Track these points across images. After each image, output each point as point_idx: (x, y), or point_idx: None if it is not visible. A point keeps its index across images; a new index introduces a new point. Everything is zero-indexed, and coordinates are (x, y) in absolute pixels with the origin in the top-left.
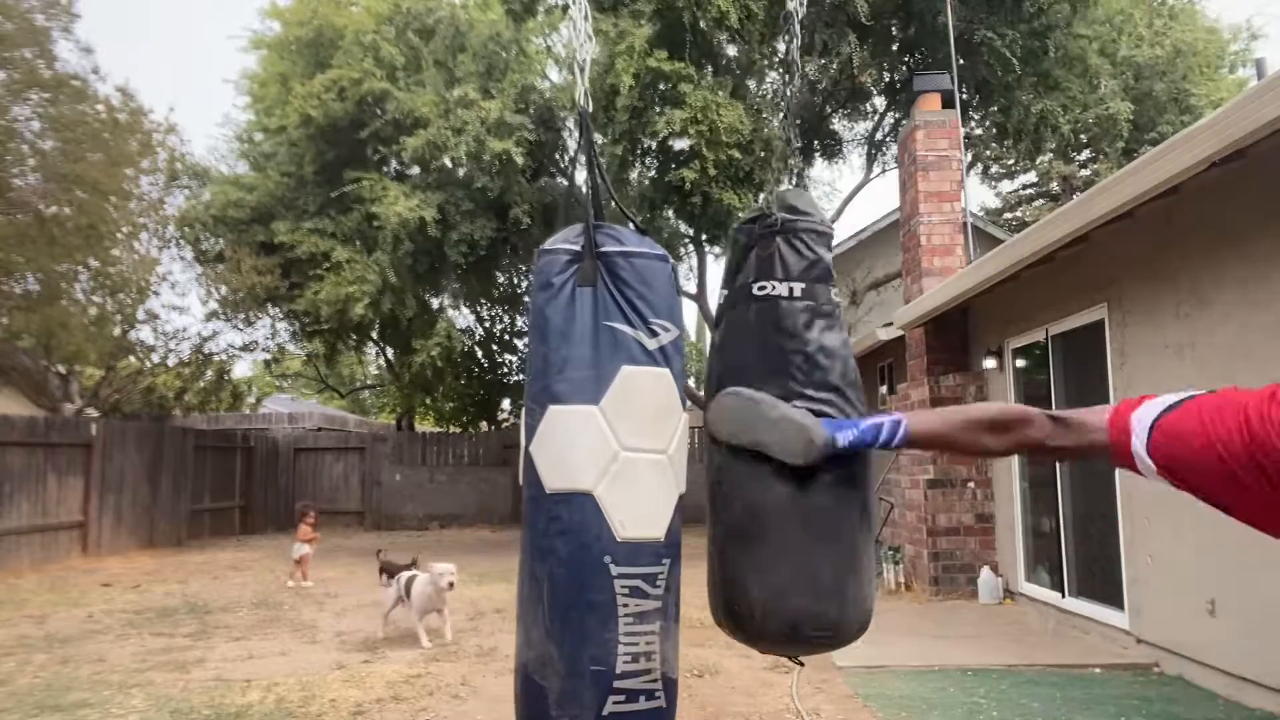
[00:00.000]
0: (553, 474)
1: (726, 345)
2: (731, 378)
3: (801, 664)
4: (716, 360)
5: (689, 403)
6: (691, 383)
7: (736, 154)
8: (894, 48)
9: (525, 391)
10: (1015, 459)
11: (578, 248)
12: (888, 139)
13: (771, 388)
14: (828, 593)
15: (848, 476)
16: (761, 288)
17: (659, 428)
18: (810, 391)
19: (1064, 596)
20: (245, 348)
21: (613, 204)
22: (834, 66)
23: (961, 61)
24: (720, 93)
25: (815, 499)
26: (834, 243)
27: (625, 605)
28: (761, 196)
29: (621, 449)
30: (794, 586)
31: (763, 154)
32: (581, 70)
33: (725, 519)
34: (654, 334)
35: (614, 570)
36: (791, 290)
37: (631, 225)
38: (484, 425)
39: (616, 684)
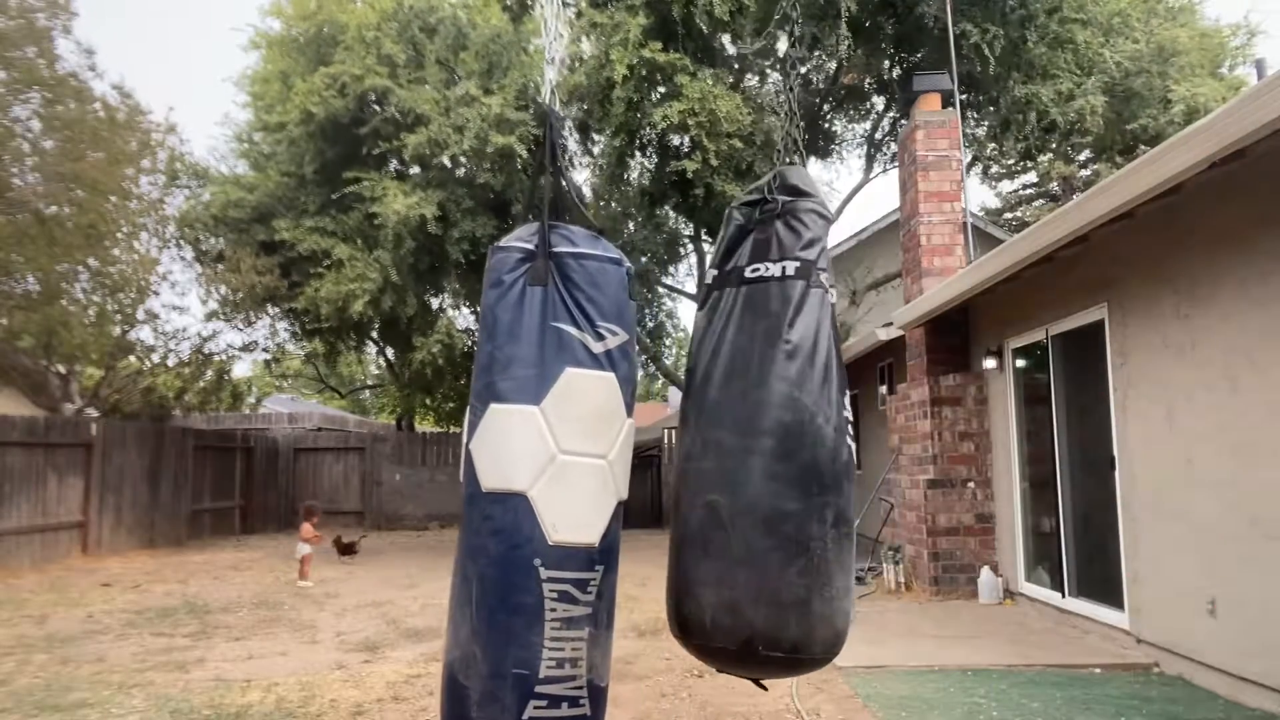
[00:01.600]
0: (489, 473)
1: (709, 333)
2: (712, 365)
3: (764, 688)
4: (699, 349)
5: (666, 399)
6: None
7: (738, 144)
8: (888, 46)
9: (471, 388)
10: (1015, 459)
11: (531, 246)
12: (887, 139)
13: (755, 381)
14: (787, 608)
15: (820, 478)
16: (755, 270)
17: (600, 432)
18: (788, 384)
19: (1064, 596)
20: (245, 348)
21: (605, 201)
22: (829, 63)
23: (950, 56)
24: (718, 85)
25: (781, 503)
26: (833, 238)
27: (553, 610)
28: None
29: (559, 451)
30: (750, 600)
31: (763, 145)
32: (550, 64)
33: (685, 519)
34: (600, 337)
35: (543, 573)
36: (784, 269)
37: (597, 228)
38: None
39: (539, 688)
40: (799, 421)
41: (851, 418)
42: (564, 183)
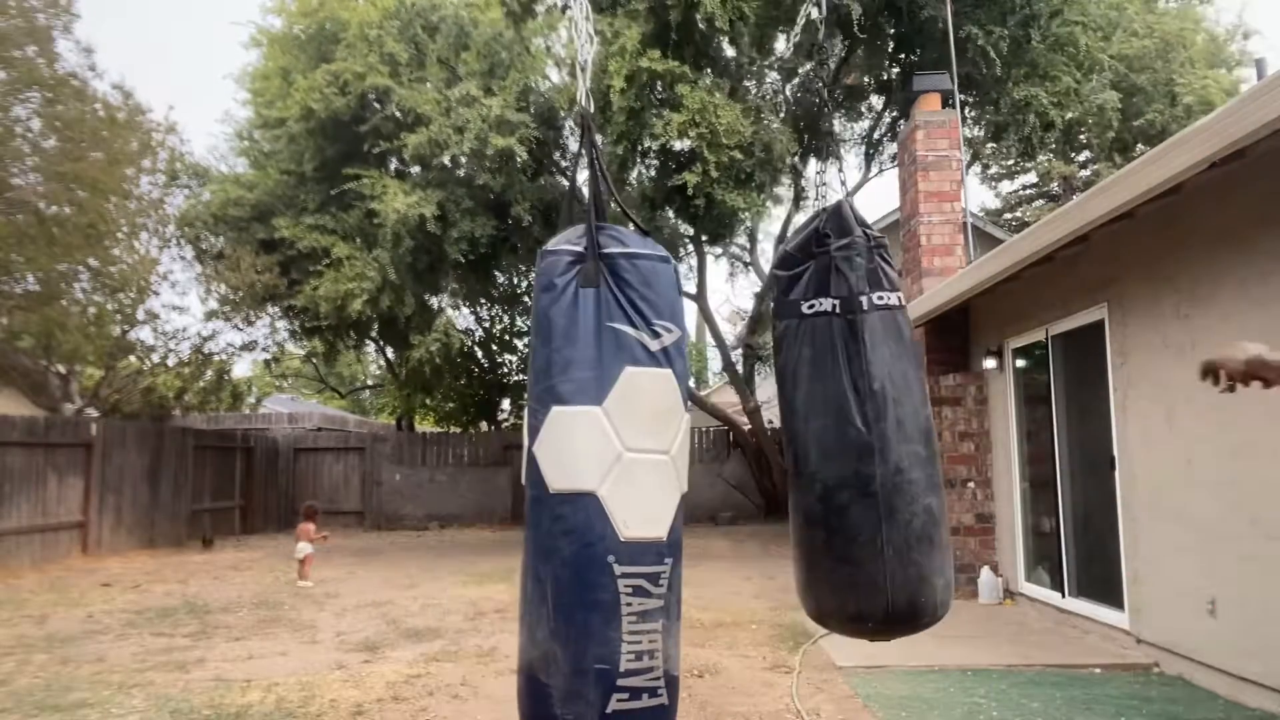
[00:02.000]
0: (556, 474)
1: (861, 354)
2: (885, 386)
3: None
4: (780, 385)
5: (690, 403)
6: (692, 383)
7: (738, 155)
8: (888, 47)
9: (528, 392)
10: (1015, 459)
11: (580, 249)
12: (885, 139)
13: (920, 400)
14: (935, 581)
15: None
16: (881, 298)
17: (661, 428)
18: (870, 427)
19: (1064, 596)
20: (245, 347)
21: (613, 204)
22: (829, 66)
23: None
24: (717, 94)
25: (937, 499)
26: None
27: (629, 604)
28: (813, 207)
29: (625, 449)
30: (942, 584)
31: (763, 156)
32: (583, 71)
33: (907, 523)
34: (656, 335)
35: (618, 570)
36: (899, 299)
37: (633, 226)
38: (484, 425)
39: (620, 682)
40: (933, 431)
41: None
42: (606, 183)
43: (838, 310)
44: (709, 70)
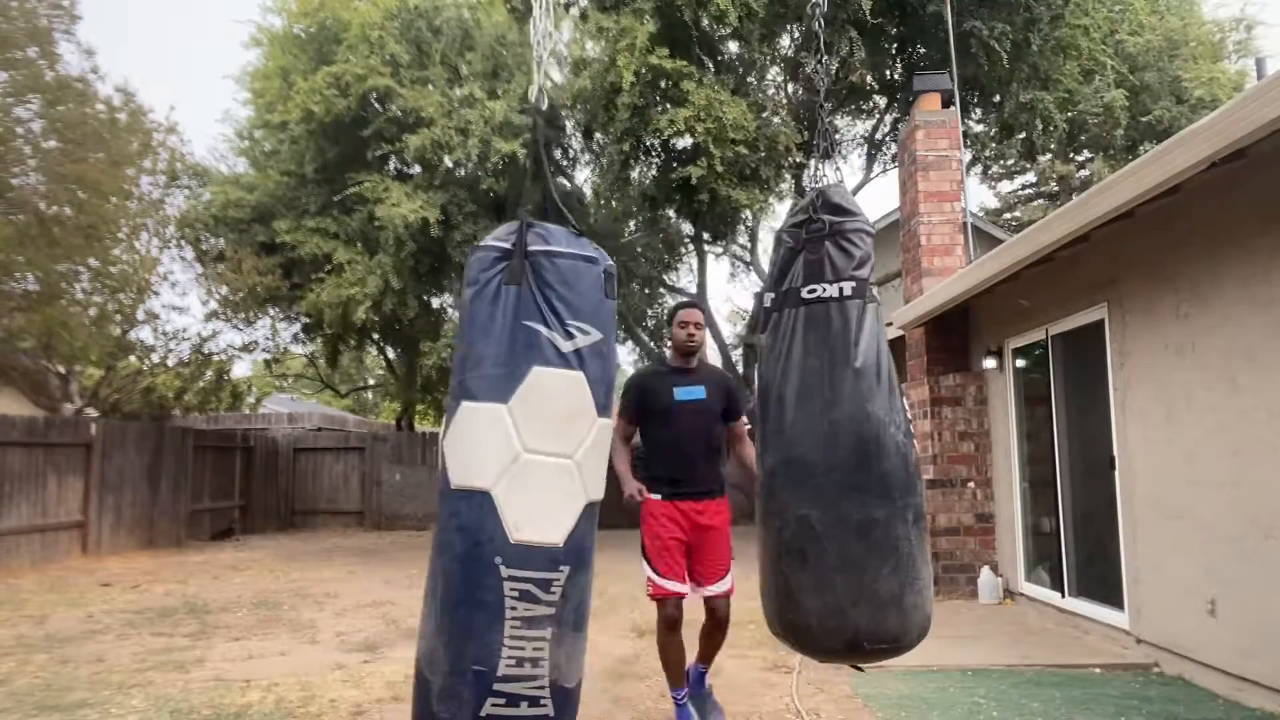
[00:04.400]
0: (457, 469)
1: (775, 353)
2: (784, 385)
3: (861, 669)
4: (767, 369)
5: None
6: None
7: (743, 150)
8: (891, 46)
9: (449, 386)
10: (1015, 459)
11: (508, 245)
12: (887, 138)
13: (829, 401)
14: (885, 605)
15: (899, 483)
16: (812, 290)
17: (567, 431)
18: (856, 395)
19: (1064, 596)
20: (245, 348)
21: (607, 202)
22: (834, 65)
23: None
24: (723, 91)
25: (869, 511)
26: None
27: (513, 608)
28: (805, 194)
29: (524, 450)
30: (851, 602)
31: (766, 152)
32: (538, 66)
33: (778, 532)
34: (570, 336)
35: (504, 571)
36: (841, 290)
37: (575, 227)
38: None
39: (496, 685)
40: (875, 435)
41: (910, 417)
42: (548, 183)
43: (771, 304)
44: (713, 68)
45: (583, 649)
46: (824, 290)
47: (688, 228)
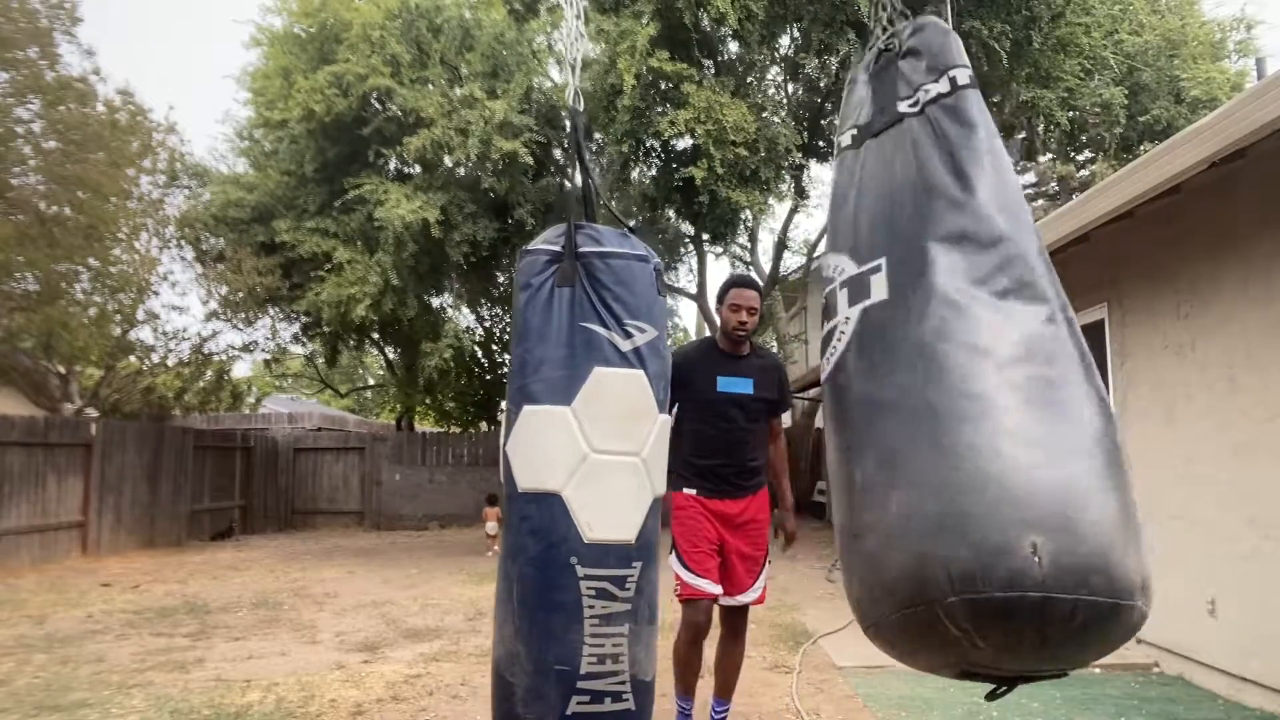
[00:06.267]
0: (524, 473)
1: (866, 188)
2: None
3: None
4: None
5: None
6: None
7: (743, 152)
8: None
9: (507, 390)
10: None
11: (558, 248)
12: None
13: (920, 240)
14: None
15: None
16: (905, 102)
17: (632, 430)
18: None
19: None
20: (245, 348)
21: (602, 205)
22: (834, 65)
23: None
24: (723, 93)
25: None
26: (822, 248)
27: (591, 607)
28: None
29: (591, 450)
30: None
31: (767, 153)
32: (573, 69)
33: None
34: (628, 335)
35: (580, 571)
36: (928, 91)
37: (628, 226)
38: (484, 425)
39: (580, 684)
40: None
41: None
42: (592, 183)
43: (852, 141)
44: (713, 69)
45: (656, 642)
46: (925, 91)
47: (688, 228)
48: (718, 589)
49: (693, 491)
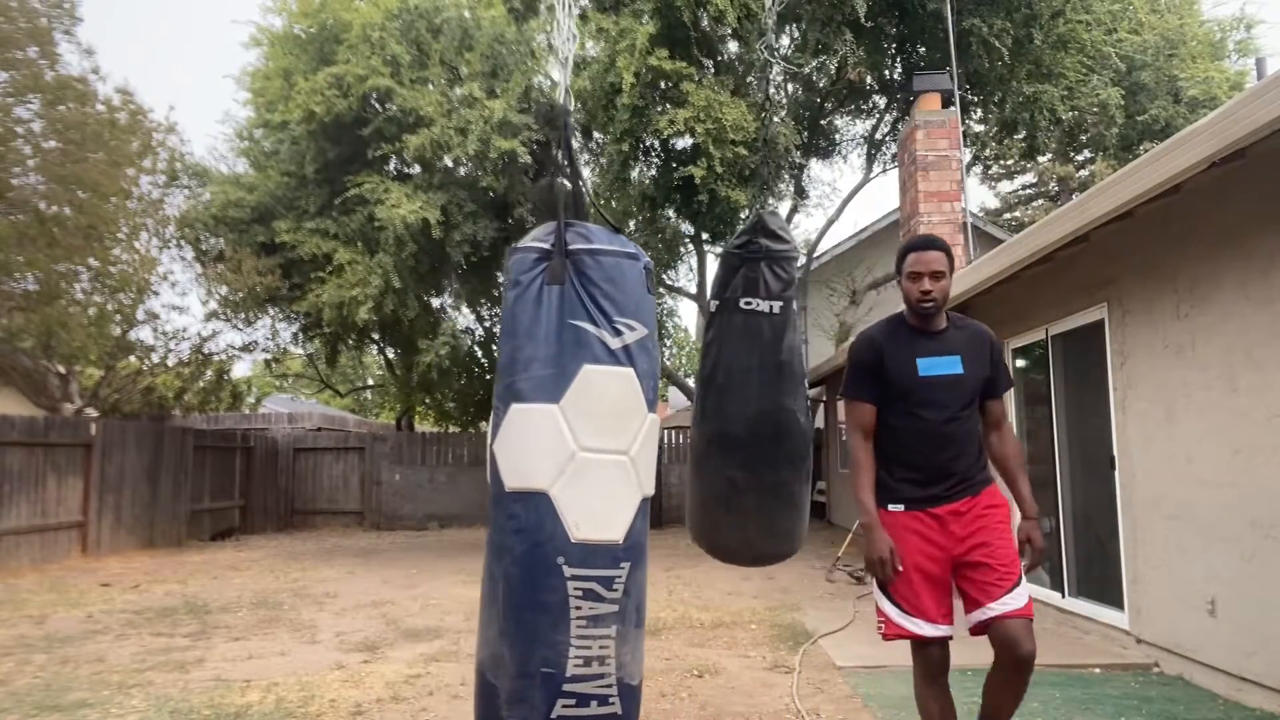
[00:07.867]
0: (511, 472)
1: (716, 346)
2: (721, 373)
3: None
4: (708, 356)
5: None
6: (692, 381)
7: (742, 151)
8: (890, 46)
9: (494, 389)
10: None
11: (547, 245)
12: (887, 138)
13: (756, 392)
14: (781, 537)
15: (802, 454)
16: (748, 303)
17: (620, 428)
18: (777, 391)
19: (1064, 596)
20: (245, 348)
21: (606, 203)
22: (831, 65)
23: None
24: (722, 92)
25: (780, 476)
26: (833, 238)
27: (578, 608)
28: (745, 214)
29: (579, 449)
30: (759, 536)
31: (764, 151)
32: (564, 66)
33: (711, 484)
34: (618, 333)
35: (567, 571)
36: (771, 308)
37: (614, 226)
38: (484, 425)
39: (566, 687)
40: (788, 422)
41: (810, 401)
42: (580, 182)
43: (715, 310)
44: (712, 68)
45: (643, 645)
46: (758, 305)
47: (687, 227)
48: (939, 629)
49: (899, 507)
